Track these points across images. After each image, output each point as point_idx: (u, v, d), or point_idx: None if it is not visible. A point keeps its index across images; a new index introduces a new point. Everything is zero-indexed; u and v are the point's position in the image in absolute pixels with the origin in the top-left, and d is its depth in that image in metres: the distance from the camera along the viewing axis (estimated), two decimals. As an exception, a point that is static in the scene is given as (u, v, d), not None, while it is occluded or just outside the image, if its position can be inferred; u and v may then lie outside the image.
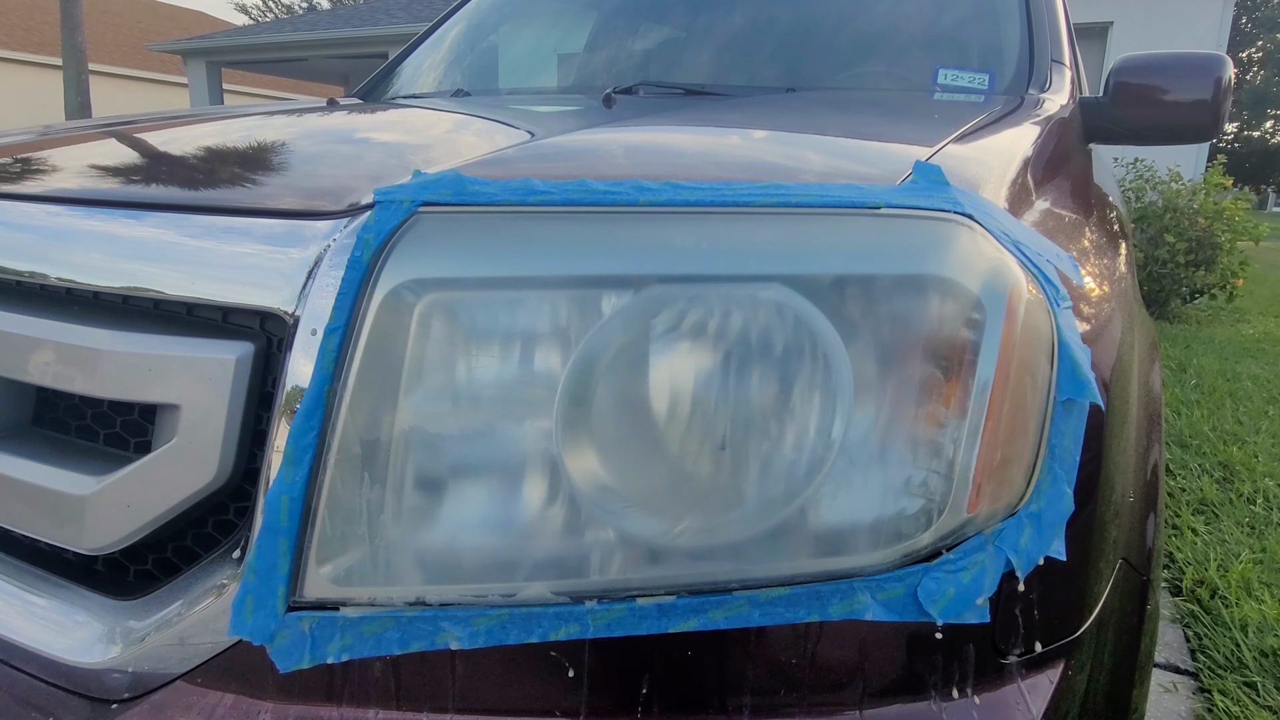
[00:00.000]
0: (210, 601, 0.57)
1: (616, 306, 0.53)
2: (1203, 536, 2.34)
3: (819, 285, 0.54)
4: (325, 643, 0.54)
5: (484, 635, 0.54)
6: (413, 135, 1.04)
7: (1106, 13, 8.15)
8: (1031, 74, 1.37)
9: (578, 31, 1.98)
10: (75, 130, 1.10)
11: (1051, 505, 0.58)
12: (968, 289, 0.56)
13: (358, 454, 0.54)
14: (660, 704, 0.55)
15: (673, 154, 0.80)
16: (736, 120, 1.03)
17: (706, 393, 0.54)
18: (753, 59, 1.62)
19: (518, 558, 0.55)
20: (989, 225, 0.59)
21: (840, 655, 0.56)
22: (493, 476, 0.55)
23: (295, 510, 0.53)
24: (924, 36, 1.57)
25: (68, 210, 0.69)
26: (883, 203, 0.57)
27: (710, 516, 0.55)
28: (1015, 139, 0.87)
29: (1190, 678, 1.76)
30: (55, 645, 0.60)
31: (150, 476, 0.58)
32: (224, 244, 0.61)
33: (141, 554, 0.64)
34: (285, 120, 1.12)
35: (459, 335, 0.54)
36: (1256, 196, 20.45)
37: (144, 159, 0.89)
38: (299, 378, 0.55)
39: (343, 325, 0.54)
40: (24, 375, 0.63)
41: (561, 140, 0.82)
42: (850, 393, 0.54)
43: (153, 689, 0.58)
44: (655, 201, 0.57)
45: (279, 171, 0.83)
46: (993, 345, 0.56)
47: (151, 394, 0.59)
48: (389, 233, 0.55)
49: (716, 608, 0.54)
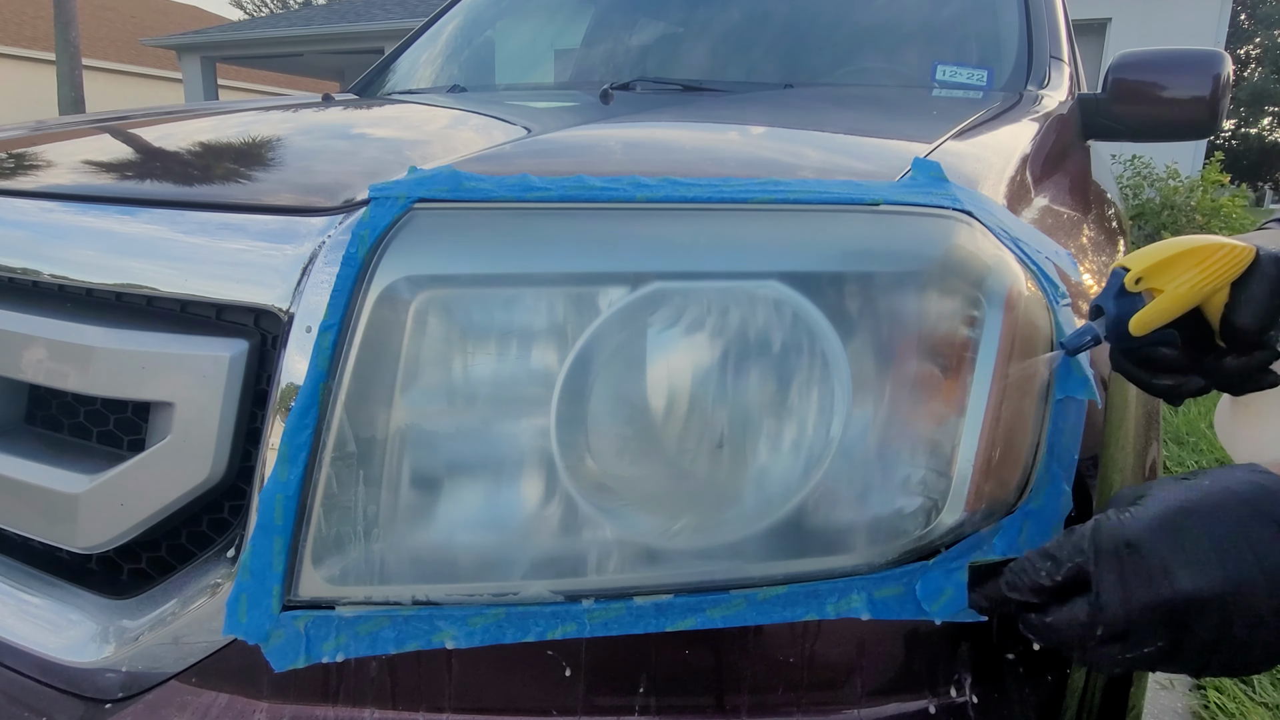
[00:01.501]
0: (205, 601, 0.57)
1: (613, 303, 0.53)
2: (1199, 533, 2.34)
3: (817, 282, 0.54)
4: (320, 642, 0.53)
5: (480, 634, 0.53)
6: (408, 131, 1.04)
7: (1105, 9, 8.15)
8: (1030, 70, 1.36)
9: (574, 27, 1.98)
10: (69, 126, 1.09)
11: (1050, 503, 0.58)
12: (966, 286, 0.56)
13: (353, 452, 0.53)
14: (658, 703, 0.55)
15: (670, 150, 0.80)
16: (734, 116, 1.03)
17: (704, 390, 0.53)
18: (750, 55, 1.62)
19: (514, 556, 0.54)
20: (988, 222, 0.58)
21: (838, 654, 0.56)
22: (489, 475, 0.54)
23: (290, 509, 0.53)
24: (922, 32, 1.57)
25: (61, 206, 0.68)
26: (881, 199, 0.57)
27: (708, 515, 0.55)
28: (1014, 135, 0.87)
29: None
30: (49, 644, 0.60)
31: (144, 475, 0.58)
32: (218, 240, 0.60)
33: (135, 553, 0.64)
34: (280, 116, 1.11)
35: (455, 332, 0.53)
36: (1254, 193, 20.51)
37: (138, 155, 0.88)
38: (294, 375, 0.54)
39: (338, 322, 0.53)
40: (16, 373, 0.62)
41: (558, 136, 0.81)
42: (848, 390, 0.54)
43: (147, 688, 0.57)
44: (652, 198, 0.56)
45: (274, 167, 0.83)
46: (991, 342, 0.56)
47: (145, 392, 0.58)
48: (384, 229, 0.54)
49: (714, 607, 0.54)
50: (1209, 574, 0.37)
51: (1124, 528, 0.39)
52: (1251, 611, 0.36)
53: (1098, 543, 0.40)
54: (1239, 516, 0.38)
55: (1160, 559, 0.38)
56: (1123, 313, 0.55)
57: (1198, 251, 0.55)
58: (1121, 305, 0.55)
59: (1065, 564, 0.41)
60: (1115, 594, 0.38)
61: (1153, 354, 0.57)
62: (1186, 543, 0.38)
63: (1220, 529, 0.38)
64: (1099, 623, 0.39)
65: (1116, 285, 0.56)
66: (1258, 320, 0.54)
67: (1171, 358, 0.57)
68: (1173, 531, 0.38)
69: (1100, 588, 0.39)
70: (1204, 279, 0.54)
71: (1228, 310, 0.55)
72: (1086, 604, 0.39)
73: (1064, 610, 0.41)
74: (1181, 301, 0.55)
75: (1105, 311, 0.56)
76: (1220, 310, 0.56)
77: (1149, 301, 0.55)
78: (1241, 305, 0.54)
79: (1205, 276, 0.54)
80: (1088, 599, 0.39)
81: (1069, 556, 0.41)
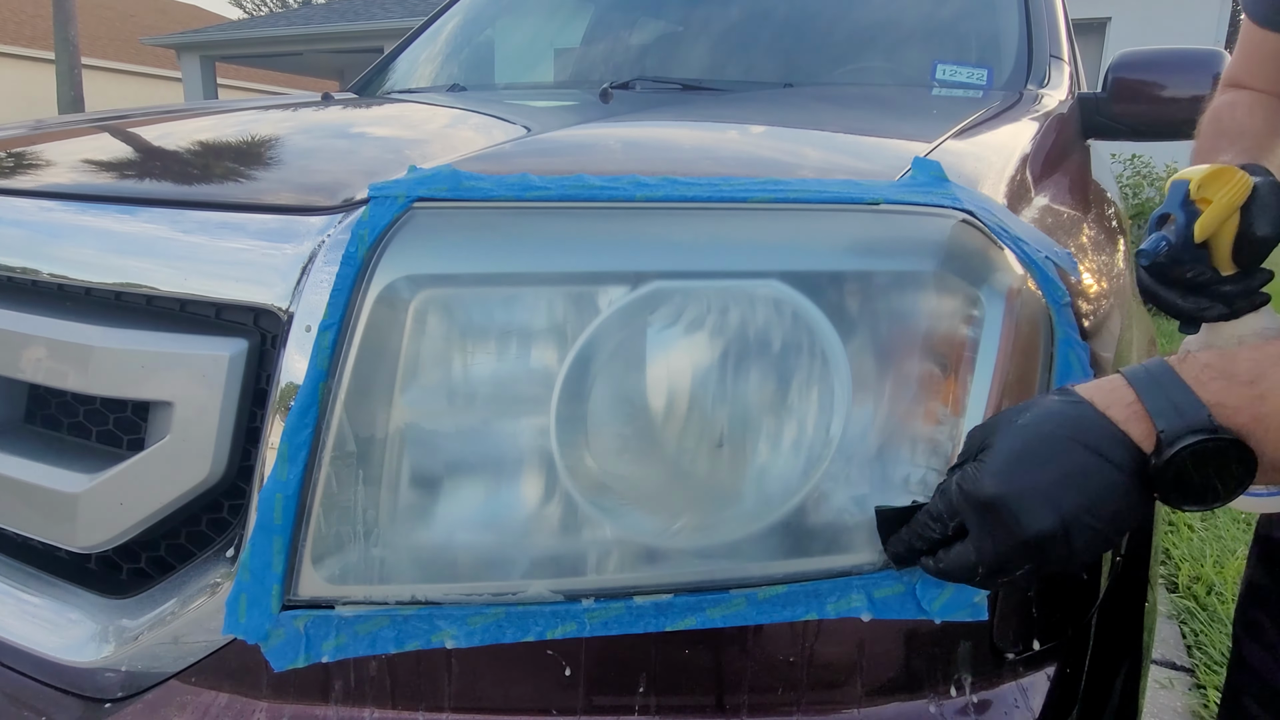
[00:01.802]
0: (204, 600, 0.57)
1: (613, 303, 0.53)
2: (1199, 533, 2.34)
3: (817, 281, 0.54)
4: (320, 642, 0.53)
5: (480, 634, 0.53)
6: (408, 130, 1.04)
7: (1105, 8, 8.15)
8: (1030, 69, 1.36)
9: (574, 26, 1.98)
10: (68, 125, 1.09)
11: (1050, 503, 0.57)
12: (966, 286, 0.56)
13: (353, 451, 0.53)
14: (657, 702, 0.55)
15: (670, 149, 0.80)
16: (734, 115, 1.03)
17: (704, 389, 0.53)
18: (750, 54, 1.61)
19: (514, 556, 0.54)
20: (988, 221, 0.58)
21: (838, 653, 0.56)
22: (489, 474, 0.54)
23: (290, 508, 0.53)
24: (922, 31, 1.57)
25: (60, 205, 0.68)
26: (881, 198, 0.57)
27: (707, 514, 0.55)
28: (1014, 135, 0.87)
29: (1186, 674, 1.76)
30: (48, 644, 0.60)
31: (143, 474, 0.58)
32: (218, 240, 0.60)
33: (135, 552, 0.64)
34: (280, 115, 1.11)
35: (455, 332, 0.53)
36: (1252, 192, 20.50)
37: (137, 154, 0.88)
38: (293, 374, 0.54)
39: (337, 322, 0.53)
40: (16, 372, 0.62)
41: (558, 135, 0.81)
42: (848, 390, 0.54)
43: (146, 688, 0.57)
44: (652, 197, 0.56)
45: (273, 167, 0.83)
46: (991, 342, 0.56)
47: (144, 391, 0.58)
48: (384, 228, 0.54)
49: (714, 606, 0.54)
50: (1048, 517, 0.46)
51: (979, 487, 0.48)
52: (1085, 529, 0.46)
53: (966, 501, 0.49)
54: (1060, 453, 0.47)
55: (1010, 512, 0.46)
56: (1189, 219, 0.64)
57: (1228, 170, 0.65)
58: (1188, 212, 0.64)
59: (949, 523, 0.50)
60: (986, 543, 0.48)
61: (1192, 272, 0.68)
62: (1025, 494, 0.46)
63: (1048, 474, 0.46)
64: (980, 563, 0.49)
65: (1181, 195, 0.65)
66: (1274, 228, 0.65)
67: (1207, 276, 0.68)
68: (1014, 485, 0.47)
69: (974, 540, 0.49)
70: (1233, 194, 0.64)
71: (1245, 226, 0.65)
72: (968, 551, 0.49)
73: (952, 556, 0.50)
74: (1224, 211, 0.64)
75: (1175, 219, 0.64)
76: (1230, 236, 0.65)
77: (1202, 212, 0.64)
78: (1258, 218, 0.65)
79: (1233, 192, 0.64)
80: (967, 548, 0.49)
81: (949, 515, 0.50)
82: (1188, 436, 0.45)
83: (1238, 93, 0.88)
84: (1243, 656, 0.84)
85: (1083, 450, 0.46)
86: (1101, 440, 0.46)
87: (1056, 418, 0.48)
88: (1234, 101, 0.87)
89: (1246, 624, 0.84)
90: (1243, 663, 0.83)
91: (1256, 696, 0.81)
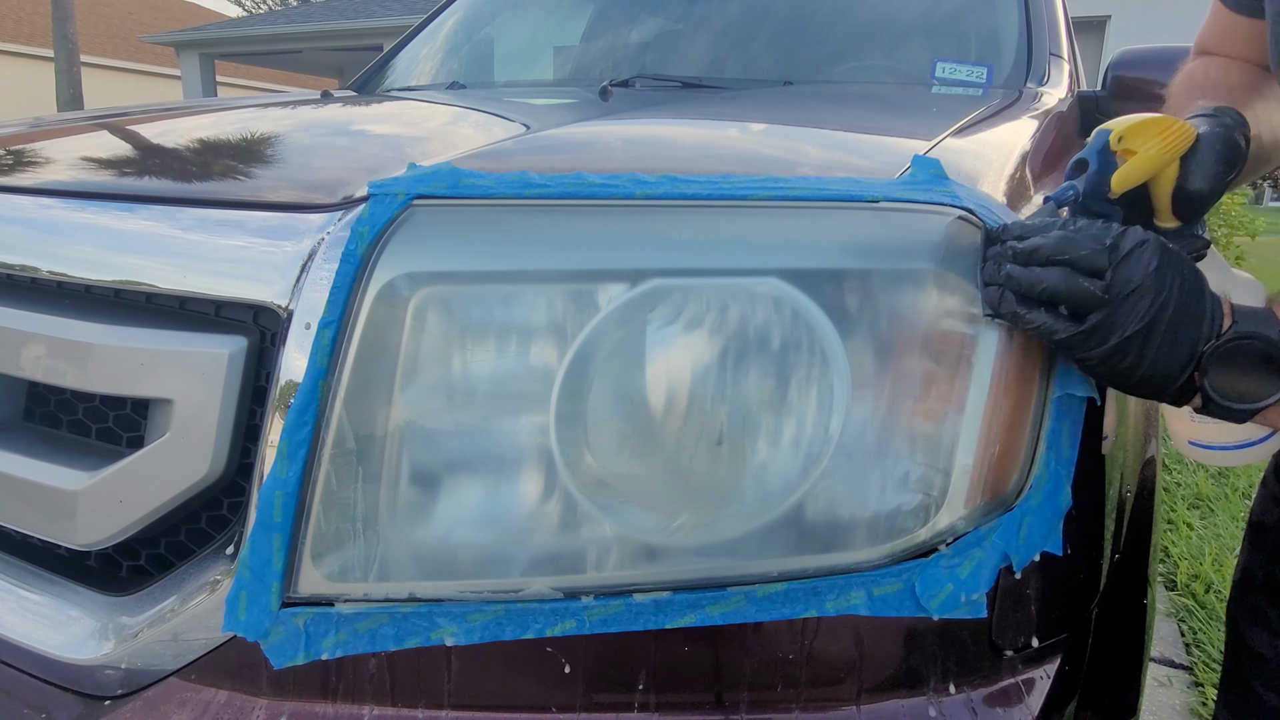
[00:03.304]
0: (204, 597, 0.57)
1: (613, 300, 0.53)
2: (1198, 531, 2.35)
3: (816, 279, 0.54)
4: (320, 639, 0.53)
5: (479, 631, 0.53)
6: (407, 128, 1.03)
7: (1104, 6, 8.15)
8: (1030, 67, 1.36)
9: (574, 23, 1.97)
10: (67, 122, 1.09)
11: (1049, 501, 0.58)
12: (966, 283, 0.56)
13: (352, 449, 0.53)
14: (657, 700, 0.55)
15: (670, 147, 0.80)
16: (734, 113, 1.03)
17: (703, 387, 0.53)
18: (750, 52, 1.61)
19: (513, 553, 0.54)
20: (987, 219, 0.58)
21: (837, 650, 0.56)
22: (488, 472, 0.54)
23: (289, 506, 0.53)
24: (922, 29, 1.57)
25: (59, 203, 0.68)
26: (881, 196, 0.57)
27: (707, 512, 0.55)
28: (1014, 133, 0.87)
29: (1185, 672, 1.77)
30: (48, 641, 0.60)
31: (143, 472, 0.58)
32: (217, 237, 0.60)
33: (134, 549, 0.64)
34: (279, 113, 1.11)
35: (454, 329, 0.53)
36: (1253, 190, 20.49)
37: (136, 151, 0.88)
38: (293, 372, 0.54)
39: (337, 319, 0.53)
40: (15, 370, 0.62)
41: (558, 133, 0.81)
42: (847, 387, 0.54)
43: (146, 685, 0.57)
44: (652, 195, 0.56)
45: (272, 164, 0.83)
46: (990, 340, 0.56)
47: (144, 389, 0.58)
48: (383, 226, 0.54)
49: (713, 603, 0.54)
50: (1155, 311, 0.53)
51: (1132, 276, 0.53)
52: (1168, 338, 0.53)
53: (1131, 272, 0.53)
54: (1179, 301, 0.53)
55: (1132, 304, 0.53)
56: (1105, 169, 0.61)
57: (1162, 121, 0.63)
58: (1104, 162, 0.61)
59: (1105, 269, 0.53)
60: (1123, 312, 0.53)
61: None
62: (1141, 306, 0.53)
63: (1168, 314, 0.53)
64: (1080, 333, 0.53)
65: (1100, 143, 0.61)
66: (1208, 184, 0.63)
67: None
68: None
69: (1114, 306, 0.53)
70: (1166, 146, 0.62)
71: (1181, 179, 0.64)
72: (1100, 315, 0.53)
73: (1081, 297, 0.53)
74: (1150, 164, 0.62)
75: (1088, 166, 0.61)
76: (1169, 186, 0.64)
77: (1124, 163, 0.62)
78: (1194, 172, 0.64)
79: (1167, 144, 0.62)
80: (1099, 311, 0.53)
81: (1106, 264, 0.53)
82: None
83: (1210, 58, 0.87)
84: (1247, 643, 0.83)
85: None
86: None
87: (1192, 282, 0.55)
88: (1208, 63, 0.86)
89: (1248, 610, 0.83)
90: (1249, 650, 0.82)
91: (1268, 682, 0.80)
